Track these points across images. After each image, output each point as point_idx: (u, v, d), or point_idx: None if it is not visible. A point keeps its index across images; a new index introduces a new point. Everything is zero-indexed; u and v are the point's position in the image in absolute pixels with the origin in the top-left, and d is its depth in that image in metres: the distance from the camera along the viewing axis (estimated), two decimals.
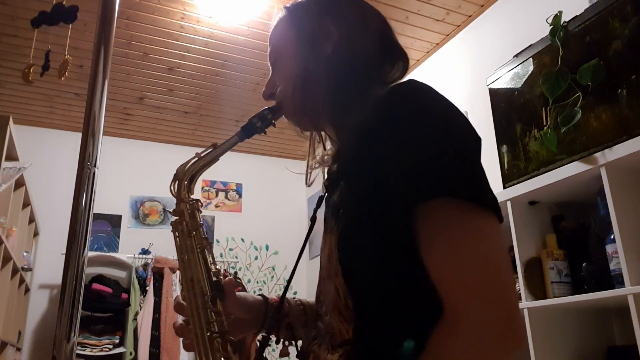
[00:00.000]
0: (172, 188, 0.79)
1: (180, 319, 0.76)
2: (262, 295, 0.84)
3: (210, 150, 0.79)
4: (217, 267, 0.73)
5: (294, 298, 0.86)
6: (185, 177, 0.78)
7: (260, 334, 0.80)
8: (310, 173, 0.83)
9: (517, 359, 0.59)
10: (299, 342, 0.79)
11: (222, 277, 0.72)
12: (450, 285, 0.54)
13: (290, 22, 0.79)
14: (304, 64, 0.75)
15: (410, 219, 0.58)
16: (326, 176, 0.79)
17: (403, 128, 0.60)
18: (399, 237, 0.60)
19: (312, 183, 0.84)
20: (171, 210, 0.78)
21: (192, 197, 0.79)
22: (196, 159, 0.79)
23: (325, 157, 0.82)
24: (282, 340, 0.80)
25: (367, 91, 0.70)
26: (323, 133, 0.83)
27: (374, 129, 0.64)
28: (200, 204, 0.78)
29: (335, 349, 0.65)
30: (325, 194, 0.78)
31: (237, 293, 0.78)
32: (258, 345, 0.77)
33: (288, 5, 0.81)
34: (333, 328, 0.67)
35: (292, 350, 0.80)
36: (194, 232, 0.74)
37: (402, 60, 0.77)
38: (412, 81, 0.67)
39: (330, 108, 0.72)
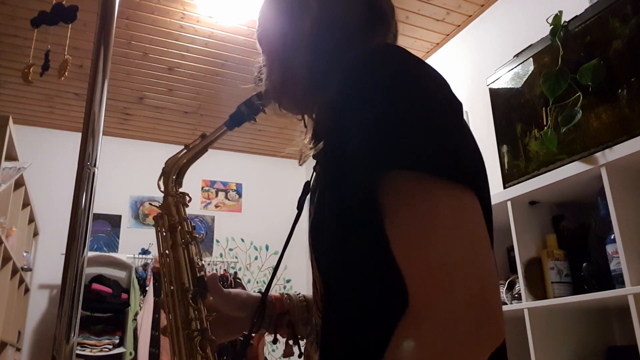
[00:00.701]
0: (160, 183, 0.76)
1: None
2: (261, 292, 0.80)
3: (198, 141, 0.77)
4: (202, 262, 0.70)
5: (298, 294, 0.82)
6: (173, 171, 0.76)
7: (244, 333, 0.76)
8: (303, 159, 0.79)
9: (517, 359, 0.57)
10: (302, 341, 0.75)
11: (205, 273, 0.69)
12: (412, 273, 0.47)
13: (273, 1, 0.77)
14: (282, 40, 0.71)
15: (371, 196, 0.51)
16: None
17: (367, 95, 0.54)
18: (362, 216, 0.53)
19: (303, 163, 0.80)
20: (158, 206, 0.76)
21: (180, 190, 0.76)
22: (185, 150, 0.77)
23: (309, 140, 0.77)
24: (285, 339, 0.77)
25: (346, 61, 0.63)
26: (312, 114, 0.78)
27: (341, 97, 0.57)
28: (188, 197, 0.76)
29: (319, 346, 0.61)
30: (311, 179, 0.74)
31: (228, 290, 0.76)
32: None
33: None
34: (317, 324, 0.64)
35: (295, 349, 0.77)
36: (178, 227, 0.71)
37: (382, 26, 0.72)
38: (385, 44, 0.63)
39: (309, 82, 0.68)
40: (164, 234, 0.72)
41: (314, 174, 0.70)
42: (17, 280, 2.94)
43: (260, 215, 4.42)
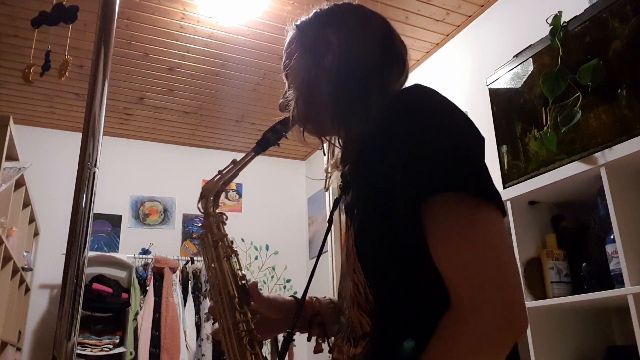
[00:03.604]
0: (199, 205, 0.87)
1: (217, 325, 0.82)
2: (293, 296, 0.90)
3: (230, 166, 0.87)
4: (243, 272, 0.79)
5: (324, 297, 0.90)
6: (210, 194, 0.86)
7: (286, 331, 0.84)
8: (330, 177, 0.87)
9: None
10: (332, 339, 0.83)
11: (246, 282, 0.78)
12: (456, 279, 0.58)
13: (297, 38, 0.84)
14: (307, 74, 0.79)
15: (417, 215, 0.61)
16: (340, 179, 0.83)
17: (407, 128, 0.64)
18: (407, 234, 0.63)
19: (328, 187, 0.88)
20: (200, 225, 0.86)
21: (217, 211, 0.86)
22: (219, 176, 0.87)
23: (337, 161, 0.86)
24: (315, 337, 0.85)
25: (368, 96, 0.73)
26: (337, 138, 0.87)
27: (380, 130, 0.67)
28: (225, 217, 0.86)
29: (358, 342, 0.68)
30: (340, 196, 0.82)
31: (265, 295, 0.85)
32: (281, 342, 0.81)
33: (297, 23, 0.86)
34: (353, 322, 0.70)
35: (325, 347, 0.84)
36: (220, 243, 0.82)
37: (399, 64, 0.80)
38: (416, 85, 0.70)
39: (332, 115, 0.75)
40: (209, 249, 0.82)
41: (350, 193, 0.78)
42: (18, 280, 2.94)
43: (260, 215, 4.42)
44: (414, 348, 0.59)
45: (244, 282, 0.77)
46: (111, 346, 3.37)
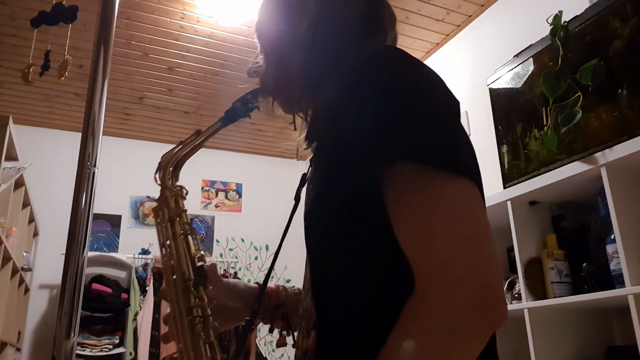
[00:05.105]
0: (156, 176, 0.78)
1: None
2: (258, 283, 0.82)
3: (193, 137, 0.78)
4: (202, 252, 0.71)
5: (293, 287, 0.85)
6: (169, 165, 0.77)
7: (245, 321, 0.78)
8: (299, 151, 0.81)
9: (517, 359, 0.59)
10: (296, 333, 0.77)
11: (205, 263, 0.70)
12: (419, 258, 0.50)
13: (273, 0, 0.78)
14: (280, 38, 0.73)
15: (374, 186, 0.54)
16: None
17: (370, 93, 0.57)
18: (363, 210, 0.57)
19: (300, 159, 0.83)
20: (155, 198, 0.77)
21: (177, 184, 0.77)
22: (180, 146, 0.78)
23: (303, 137, 0.78)
24: (279, 330, 0.79)
25: (342, 67, 0.66)
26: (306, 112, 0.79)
27: (343, 97, 0.61)
28: (185, 190, 0.77)
29: (309, 333, 0.63)
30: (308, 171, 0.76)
31: (227, 280, 0.78)
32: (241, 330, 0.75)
33: None
34: (309, 311, 0.65)
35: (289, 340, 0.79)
36: (177, 219, 0.73)
37: (379, 35, 0.73)
38: (385, 47, 0.65)
39: (304, 82, 0.69)
40: (164, 225, 0.73)
41: (310, 167, 0.72)
42: (17, 280, 2.94)
43: (260, 215, 4.42)
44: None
45: (201, 263, 0.69)
46: (111, 346, 3.37)
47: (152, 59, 3.09)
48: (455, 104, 0.59)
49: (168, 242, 0.72)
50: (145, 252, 3.83)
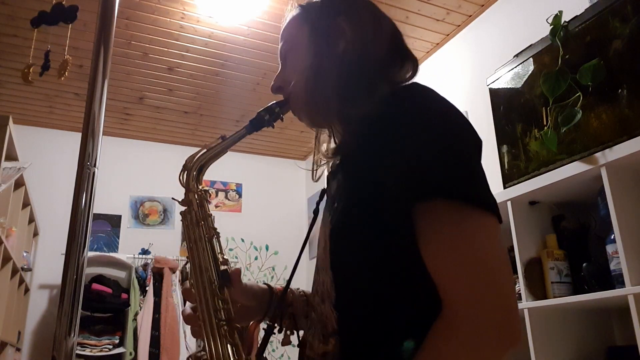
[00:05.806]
0: (181, 178, 0.80)
1: (187, 307, 0.78)
2: (266, 284, 0.86)
3: (219, 142, 0.81)
4: (225, 256, 0.74)
5: (298, 289, 0.88)
6: (194, 168, 0.80)
7: (265, 323, 0.82)
8: (317, 169, 0.85)
9: (517, 359, 0.60)
10: (301, 332, 0.81)
11: (229, 266, 0.74)
12: (448, 285, 0.57)
13: (304, 19, 0.82)
14: (316, 58, 0.77)
15: (407, 218, 0.60)
16: (330, 169, 0.81)
17: (405, 128, 0.63)
18: (393, 235, 0.62)
19: (318, 179, 0.86)
20: (180, 200, 0.80)
21: (201, 187, 0.80)
22: (205, 150, 0.81)
23: (330, 151, 0.82)
24: (284, 329, 0.82)
25: (374, 88, 0.72)
26: (332, 128, 0.84)
27: (377, 125, 0.66)
28: (209, 194, 0.80)
29: (327, 339, 0.67)
30: (327, 187, 0.80)
31: (245, 282, 0.81)
32: (263, 332, 0.78)
33: (303, 4, 0.84)
34: (326, 318, 0.69)
35: (293, 340, 0.82)
36: (202, 222, 0.76)
37: (411, 63, 0.79)
38: (415, 84, 0.69)
39: (338, 100, 0.73)
40: (190, 228, 0.77)
41: (334, 184, 0.76)
42: (17, 280, 2.94)
43: (260, 215, 4.42)
44: (411, 350, 0.58)
45: (225, 267, 0.73)
46: (111, 346, 3.37)
47: (152, 59, 3.09)
48: (480, 142, 0.66)
49: (193, 245, 0.75)
50: (145, 252, 3.83)
